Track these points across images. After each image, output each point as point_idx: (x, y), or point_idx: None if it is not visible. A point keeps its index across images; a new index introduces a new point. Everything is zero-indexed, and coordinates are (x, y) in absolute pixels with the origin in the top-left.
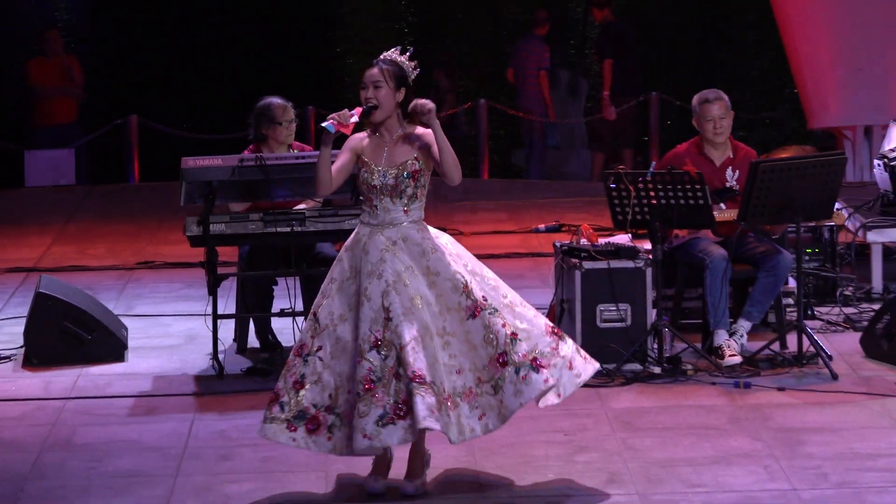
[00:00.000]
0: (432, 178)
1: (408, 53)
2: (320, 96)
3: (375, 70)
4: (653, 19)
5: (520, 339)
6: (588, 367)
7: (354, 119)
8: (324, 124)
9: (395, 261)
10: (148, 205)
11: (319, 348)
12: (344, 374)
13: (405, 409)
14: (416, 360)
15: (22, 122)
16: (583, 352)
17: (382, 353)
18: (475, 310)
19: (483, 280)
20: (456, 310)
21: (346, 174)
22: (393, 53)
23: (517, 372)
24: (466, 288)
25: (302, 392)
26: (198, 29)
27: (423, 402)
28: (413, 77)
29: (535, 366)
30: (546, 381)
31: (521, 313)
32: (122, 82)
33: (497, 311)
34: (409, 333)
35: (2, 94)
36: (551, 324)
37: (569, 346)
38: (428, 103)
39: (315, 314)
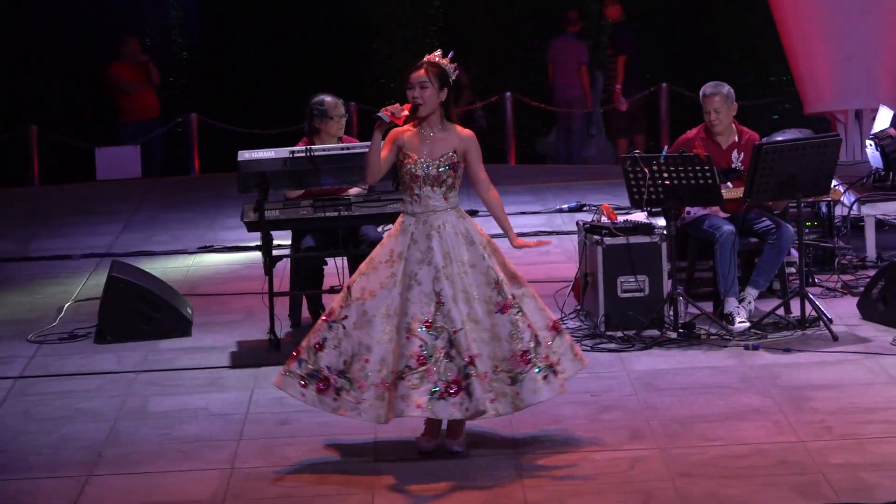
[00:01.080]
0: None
1: (449, 56)
2: (359, 93)
3: (422, 72)
4: (659, 14)
5: (541, 343)
6: (576, 364)
7: (405, 113)
8: (378, 114)
9: (442, 245)
10: (207, 195)
11: (345, 317)
12: (363, 343)
13: (456, 388)
14: (470, 345)
15: (101, 121)
16: (576, 347)
17: (433, 333)
18: (504, 307)
19: (509, 275)
20: (486, 301)
21: (391, 164)
22: (436, 57)
23: (539, 371)
24: (498, 284)
25: (320, 354)
26: (252, 31)
27: (480, 386)
28: (453, 78)
29: (555, 370)
30: (561, 385)
31: (534, 305)
32: (179, 82)
33: (522, 311)
34: (459, 318)
35: (77, 96)
36: (554, 318)
37: (565, 342)
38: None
39: (349, 287)
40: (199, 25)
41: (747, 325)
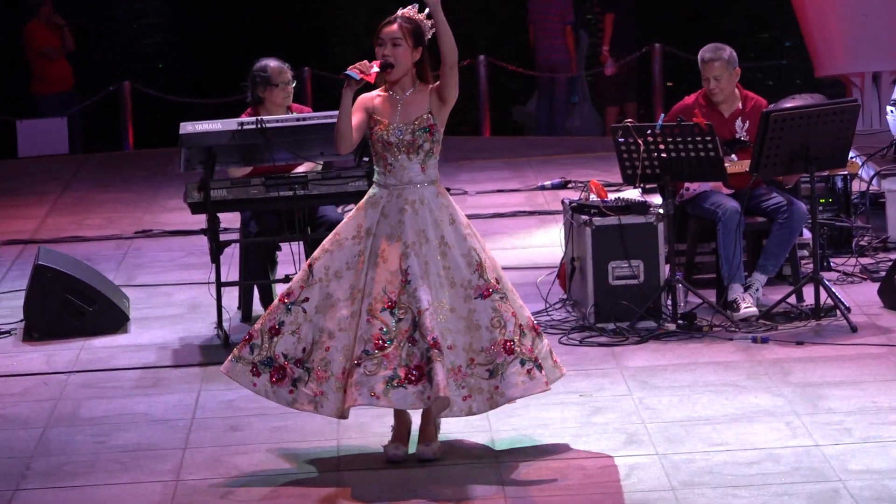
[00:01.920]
0: None
1: (425, 12)
2: (316, 58)
3: (395, 27)
4: None
5: (531, 335)
6: (555, 372)
7: (375, 70)
8: (346, 72)
9: (414, 222)
10: (144, 172)
11: (306, 300)
12: (325, 330)
13: (417, 374)
14: (434, 327)
15: (15, 91)
16: (555, 355)
17: (397, 314)
18: (485, 291)
19: (492, 261)
20: (463, 286)
21: (362, 132)
22: (411, 11)
23: (522, 364)
24: (480, 266)
25: (276, 339)
26: None
27: (442, 370)
28: (429, 36)
29: (540, 364)
30: (546, 383)
31: (514, 301)
32: (114, 48)
33: (506, 297)
34: (426, 298)
35: None
36: (534, 319)
37: (544, 346)
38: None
39: (310, 265)
40: None
41: (754, 310)
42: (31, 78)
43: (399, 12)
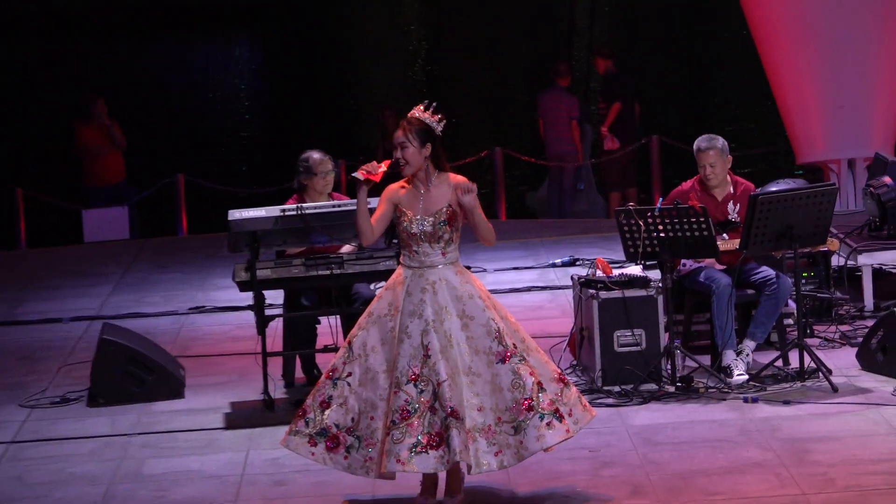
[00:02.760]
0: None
1: (432, 108)
2: (351, 151)
3: (400, 132)
4: (651, 68)
5: (545, 389)
6: (586, 415)
7: (382, 169)
8: (353, 174)
9: (435, 300)
10: (197, 255)
11: (349, 374)
12: (369, 401)
13: (438, 440)
14: (453, 397)
15: (74, 183)
16: (584, 399)
17: (419, 386)
18: (505, 356)
19: (510, 326)
20: (486, 353)
21: (387, 222)
22: (417, 111)
23: (541, 418)
24: (499, 334)
25: (327, 412)
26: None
27: (459, 436)
28: (439, 129)
29: (559, 415)
30: (567, 430)
31: (537, 359)
32: (167, 144)
33: (525, 359)
34: (444, 371)
35: (54, 157)
36: (559, 370)
37: (572, 394)
38: (470, 185)
39: (350, 343)
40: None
41: (745, 377)
42: (83, 173)
43: (408, 115)
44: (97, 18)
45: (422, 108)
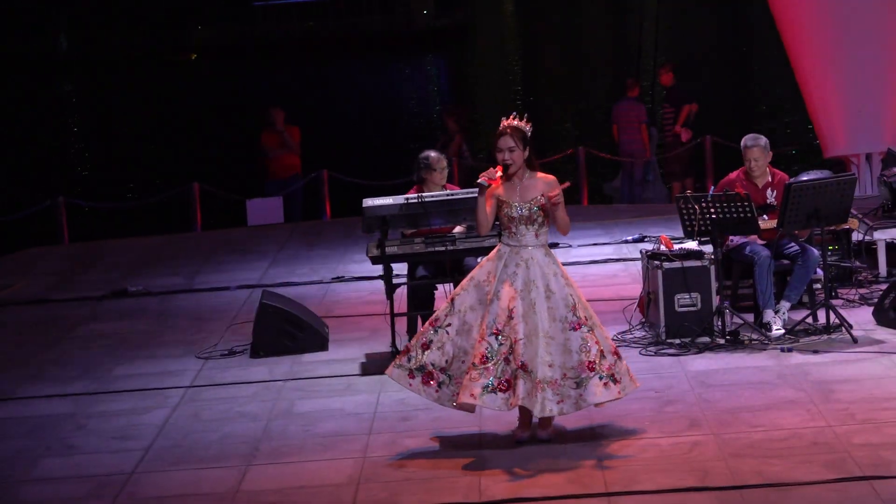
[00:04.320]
0: None
1: (525, 117)
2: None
3: (508, 138)
4: (705, 76)
5: (605, 357)
6: (632, 385)
7: (498, 174)
8: (479, 181)
9: (526, 274)
10: (338, 235)
11: (449, 324)
12: (462, 348)
13: (506, 385)
14: (525, 354)
15: (250, 178)
16: (631, 372)
17: (500, 340)
18: (577, 325)
19: (582, 302)
20: (562, 321)
21: (494, 214)
22: (514, 120)
23: (600, 378)
24: (574, 308)
25: (427, 352)
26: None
27: (524, 386)
28: (529, 135)
29: (614, 379)
30: (618, 393)
31: (601, 333)
32: (317, 145)
33: (592, 330)
34: (523, 332)
35: (232, 157)
36: (615, 345)
37: (623, 366)
38: (557, 198)
39: (452, 300)
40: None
41: (782, 331)
42: (265, 170)
43: (505, 123)
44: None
45: (516, 117)
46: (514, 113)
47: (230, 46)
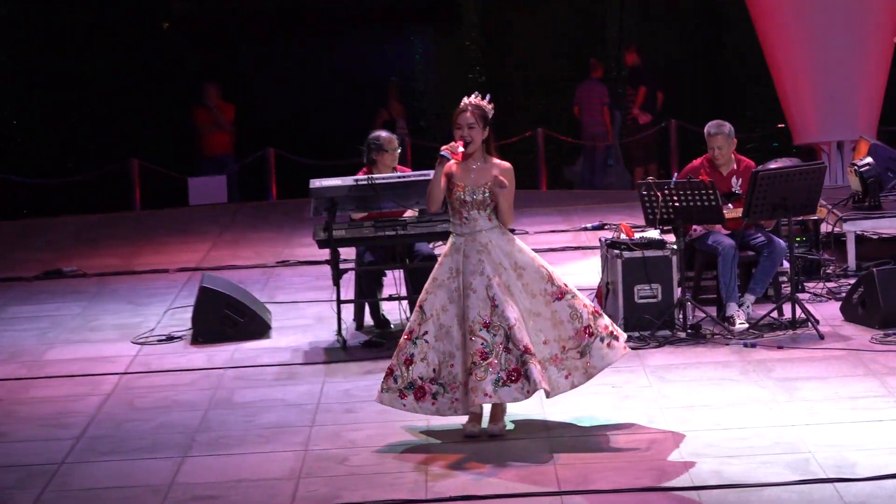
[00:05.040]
0: None
1: (487, 97)
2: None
3: (469, 115)
4: (672, 60)
5: (600, 315)
6: (623, 335)
7: (461, 150)
8: (442, 153)
9: (490, 259)
10: (283, 217)
11: (425, 333)
12: (446, 352)
13: (516, 375)
14: (523, 337)
15: (184, 156)
16: (613, 324)
17: (492, 332)
18: (559, 294)
19: (554, 272)
20: (542, 294)
21: (444, 193)
22: (475, 99)
23: (602, 340)
24: (551, 277)
25: (411, 367)
26: (315, 76)
27: (535, 369)
28: (491, 116)
29: (616, 335)
30: (625, 348)
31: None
32: (262, 121)
33: (576, 295)
34: (513, 315)
35: (176, 133)
36: (591, 305)
37: (605, 320)
38: (504, 181)
39: (421, 307)
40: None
41: (746, 326)
42: (197, 146)
43: (467, 101)
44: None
45: (479, 96)
46: (477, 92)
47: (206, 18)
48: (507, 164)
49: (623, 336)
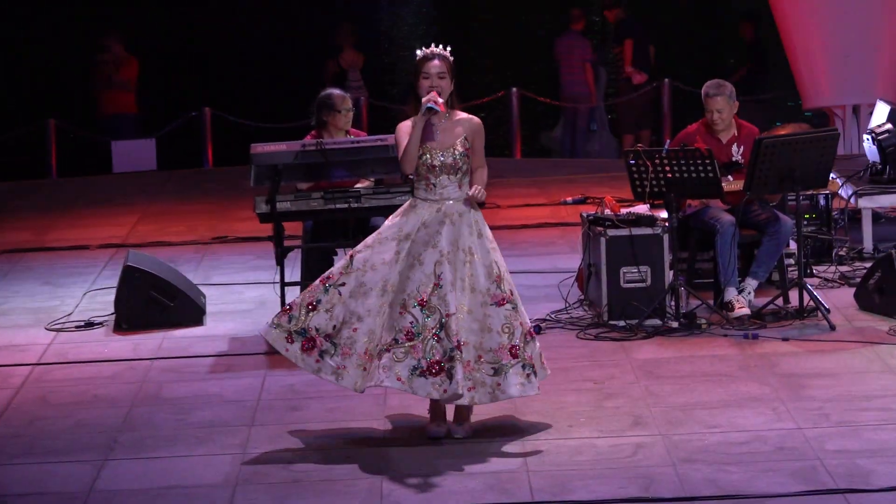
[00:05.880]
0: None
1: (448, 48)
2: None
3: (439, 63)
4: (664, 12)
5: (531, 342)
6: (542, 372)
7: (441, 100)
8: (429, 105)
9: (451, 233)
10: (220, 187)
11: (343, 284)
12: (355, 313)
13: (437, 368)
14: (459, 330)
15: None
16: (543, 357)
17: (426, 313)
18: (501, 300)
19: (507, 274)
20: (482, 293)
21: None
22: (440, 49)
23: (523, 368)
24: (499, 278)
25: (312, 314)
26: (256, 28)
27: (462, 369)
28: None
29: (536, 371)
30: (538, 387)
31: (523, 311)
32: (196, 77)
33: (516, 308)
34: (454, 304)
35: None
36: (529, 325)
37: (536, 348)
38: (481, 195)
39: (351, 256)
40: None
41: (747, 311)
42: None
43: (432, 49)
44: None
45: (441, 47)
46: (433, 42)
47: None
48: (475, 119)
49: (544, 374)
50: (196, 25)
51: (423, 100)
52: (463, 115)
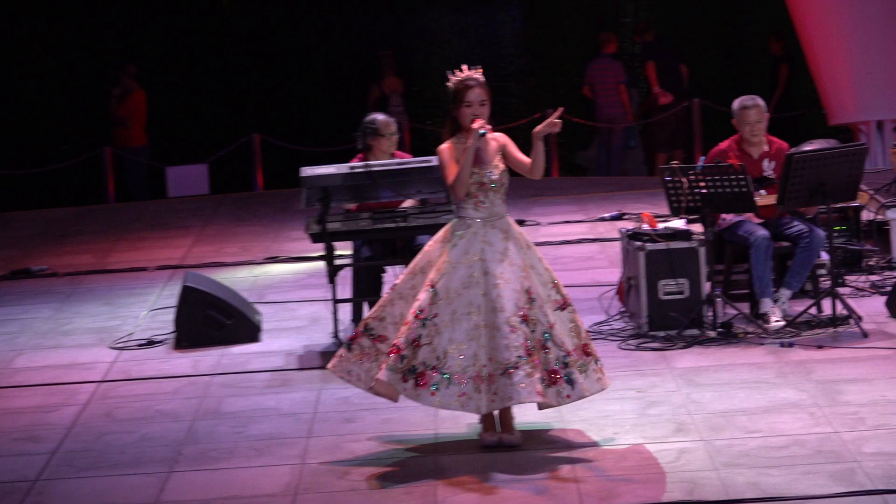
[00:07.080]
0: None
1: (479, 70)
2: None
3: (481, 90)
4: (693, 34)
5: (592, 339)
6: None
7: (489, 126)
8: (481, 132)
9: (517, 247)
10: (272, 209)
11: (436, 315)
12: (455, 340)
13: (554, 377)
14: (564, 338)
15: (170, 143)
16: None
17: (530, 327)
18: (563, 304)
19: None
20: (546, 300)
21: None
22: (476, 73)
23: (597, 363)
24: (556, 284)
25: (418, 350)
26: (305, 57)
27: (578, 375)
28: None
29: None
30: (609, 381)
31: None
32: (245, 104)
33: (575, 310)
34: (551, 313)
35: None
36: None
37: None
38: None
39: (433, 286)
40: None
41: (782, 323)
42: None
43: (469, 74)
44: None
45: (476, 70)
46: (465, 65)
47: None
48: (500, 134)
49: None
50: (246, 57)
51: (475, 126)
52: (491, 133)
